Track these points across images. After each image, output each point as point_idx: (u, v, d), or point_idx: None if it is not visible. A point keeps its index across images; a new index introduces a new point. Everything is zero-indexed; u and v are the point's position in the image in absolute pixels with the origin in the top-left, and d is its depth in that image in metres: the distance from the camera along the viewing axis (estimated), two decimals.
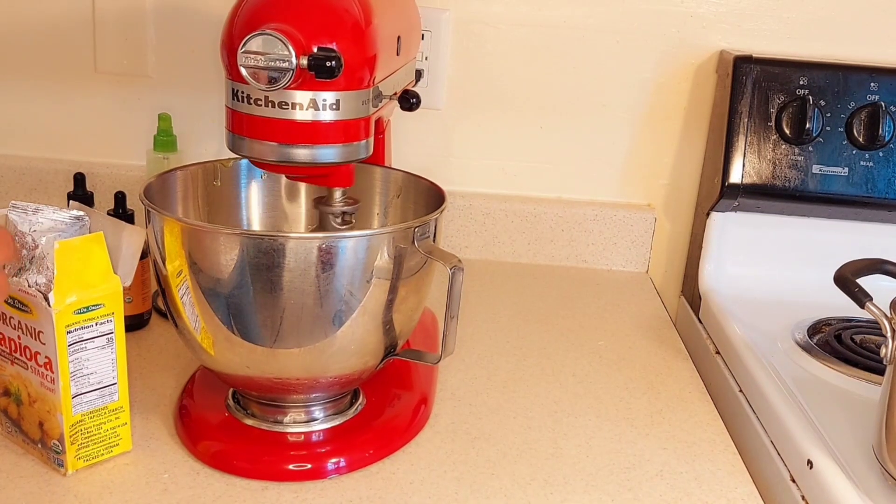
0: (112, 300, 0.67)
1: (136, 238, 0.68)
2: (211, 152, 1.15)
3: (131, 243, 0.68)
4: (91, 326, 0.67)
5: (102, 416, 0.69)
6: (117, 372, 0.69)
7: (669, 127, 1.16)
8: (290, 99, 0.63)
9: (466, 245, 1.19)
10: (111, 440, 0.70)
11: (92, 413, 0.68)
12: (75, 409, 0.67)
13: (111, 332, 0.68)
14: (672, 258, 1.22)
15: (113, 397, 0.69)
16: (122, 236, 0.68)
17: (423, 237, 0.68)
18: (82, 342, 0.66)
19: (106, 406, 0.69)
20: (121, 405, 0.70)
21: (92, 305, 0.66)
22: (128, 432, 0.71)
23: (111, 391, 0.69)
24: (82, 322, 0.66)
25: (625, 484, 0.72)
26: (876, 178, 1.04)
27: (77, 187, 0.92)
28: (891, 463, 0.69)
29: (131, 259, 0.68)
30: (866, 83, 1.04)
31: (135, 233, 0.68)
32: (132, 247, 0.68)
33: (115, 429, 0.70)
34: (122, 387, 0.70)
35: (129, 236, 0.68)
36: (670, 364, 0.94)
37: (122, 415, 0.70)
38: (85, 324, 0.66)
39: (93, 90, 1.16)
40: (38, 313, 0.65)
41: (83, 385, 0.67)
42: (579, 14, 1.12)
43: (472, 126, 1.17)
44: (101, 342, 0.68)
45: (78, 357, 0.66)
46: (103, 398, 0.69)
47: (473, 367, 0.90)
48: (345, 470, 0.71)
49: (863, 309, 0.75)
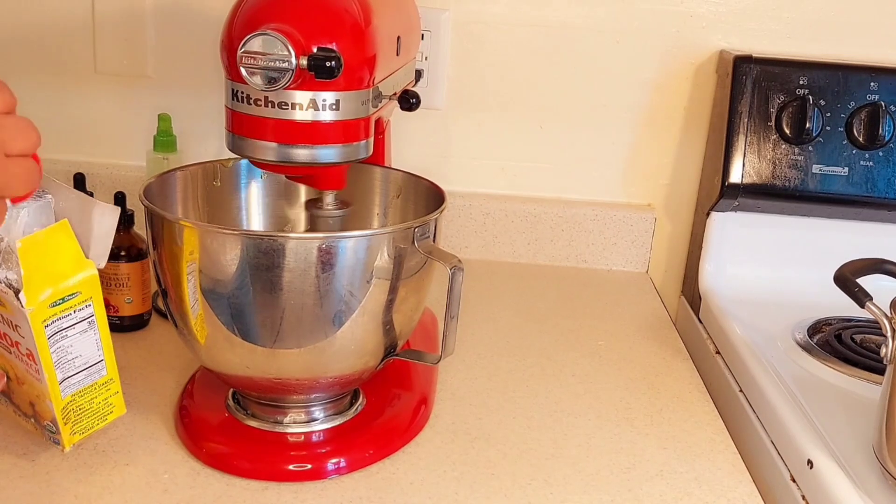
0: (88, 286, 0.64)
1: (108, 216, 0.64)
2: (211, 152, 1.14)
3: (103, 222, 0.64)
4: (70, 315, 0.64)
5: (93, 391, 0.68)
6: (103, 349, 0.67)
7: (669, 127, 1.16)
8: (289, 99, 0.63)
9: (466, 245, 1.19)
10: (104, 410, 0.69)
11: (82, 392, 0.67)
12: (64, 392, 0.65)
13: (91, 316, 0.65)
14: (672, 258, 1.22)
15: (101, 373, 0.68)
16: (92, 215, 0.63)
17: (423, 237, 0.68)
18: (62, 331, 0.64)
19: (95, 382, 0.67)
20: (110, 377, 0.68)
21: (67, 296, 0.63)
22: (120, 399, 0.69)
23: (98, 367, 0.67)
24: (59, 313, 0.63)
25: (625, 484, 0.72)
26: (876, 177, 1.04)
27: (77, 187, 0.92)
28: (891, 463, 0.69)
29: (104, 238, 0.64)
30: (866, 83, 1.04)
31: (106, 211, 0.64)
32: (104, 226, 0.64)
33: (107, 399, 0.69)
34: (110, 360, 0.68)
35: (100, 215, 0.64)
36: (670, 364, 0.94)
37: (112, 385, 0.69)
38: (63, 314, 0.63)
39: (93, 90, 1.16)
40: (12, 309, 0.62)
41: (69, 369, 0.65)
42: (579, 14, 1.12)
43: (472, 126, 1.17)
44: (82, 327, 0.65)
45: (60, 346, 0.64)
46: (91, 376, 0.67)
47: (473, 368, 0.90)
48: (345, 470, 0.71)
49: (863, 309, 0.75)
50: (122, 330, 0.91)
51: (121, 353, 0.87)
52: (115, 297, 0.90)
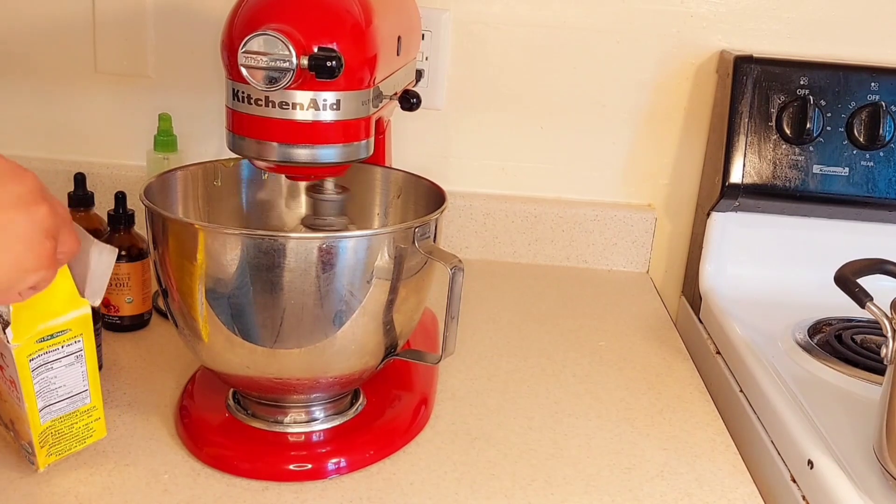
0: (79, 324, 0.64)
1: (106, 256, 0.64)
2: (211, 152, 1.15)
3: (101, 261, 0.64)
4: (57, 349, 0.64)
5: (74, 417, 0.67)
6: (88, 380, 0.66)
7: (670, 127, 1.16)
8: (290, 99, 0.63)
9: (467, 245, 1.19)
10: (84, 434, 0.68)
11: (63, 418, 0.66)
12: (44, 418, 0.65)
13: (80, 351, 0.65)
14: (672, 258, 1.22)
15: (85, 401, 0.67)
16: (90, 253, 0.64)
17: (424, 237, 0.68)
18: (48, 364, 0.64)
19: (77, 409, 0.67)
20: (93, 405, 0.68)
21: (57, 332, 0.63)
22: (102, 424, 0.69)
23: (82, 396, 0.67)
24: (46, 348, 0.63)
25: (625, 484, 0.72)
26: (876, 177, 1.04)
27: (77, 187, 0.92)
28: (891, 463, 0.69)
29: (101, 277, 0.64)
30: (867, 83, 1.04)
31: (105, 251, 0.64)
32: (102, 265, 0.64)
33: (87, 424, 0.68)
34: (95, 389, 0.67)
35: (98, 254, 0.64)
36: (671, 364, 0.94)
37: (94, 412, 0.68)
38: (50, 349, 0.63)
39: (93, 90, 1.16)
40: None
41: (51, 398, 0.65)
42: (579, 14, 1.12)
43: (472, 126, 1.17)
44: (69, 360, 0.65)
45: (44, 377, 0.64)
46: (74, 404, 0.66)
47: (474, 368, 0.90)
48: (345, 470, 0.71)
49: (863, 309, 0.75)
50: (122, 330, 0.91)
51: (121, 353, 0.88)
52: (116, 297, 0.90)
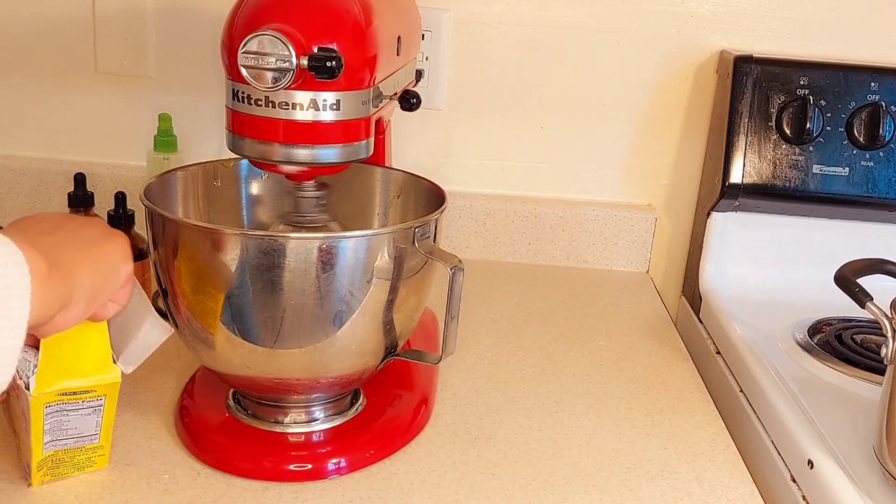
0: (105, 388, 0.63)
1: (157, 332, 0.63)
2: (211, 152, 1.15)
3: (151, 334, 0.63)
4: (77, 403, 0.63)
5: (78, 452, 0.66)
6: (101, 427, 0.65)
7: (670, 127, 1.16)
8: (290, 99, 0.63)
9: (467, 245, 1.19)
10: (85, 464, 0.67)
11: (66, 450, 0.65)
12: (47, 449, 0.64)
13: (100, 406, 0.64)
14: (672, 258, 1.22)
15: (93, 441, 0.66)
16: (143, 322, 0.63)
17: (424, 237, 0.68)
18: (64, 411, 0.62)
19: (83, 447, 0.66)
20: (101, 444, 0.67)
21: (80, 391, 0.62)
22: (105, 459, 0.68)
23: (92, 438, 0.66)
24: (66, 400, 0.62)
25: (625, 484, 0.72)
26: (876, 178, 1.04)
27: (77, 187, 0.92)
28: (891, 463, 0.69)
29: (144, 350, 0.63)
30: (867, 83, 1.04)
31: (159, 326, 0.63)
32: (151, 338, 0.63)
33: (90, 458, 0.67)
34: (106, 433, 0.66)
35: (151, 327, 0.63)
36: (671, 364, 0.94)
37: (100, 449, 0.67)
38: (69, 402, 0.62)
39: (93, 90, 1.16)
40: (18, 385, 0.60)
41: (59, 435, 0.64)
42: (579, 14, 1.12)
43: (472, 126, 1.17)
44: (86, 412, 0.63)
45: (57, 419, 0.62)
46: (81, 442, 0.65)
47: (474, 368, 0.90)
48: (345, 470, 0.71)
49: (863, 309, 0.75)
50: None
51: None
52: None
